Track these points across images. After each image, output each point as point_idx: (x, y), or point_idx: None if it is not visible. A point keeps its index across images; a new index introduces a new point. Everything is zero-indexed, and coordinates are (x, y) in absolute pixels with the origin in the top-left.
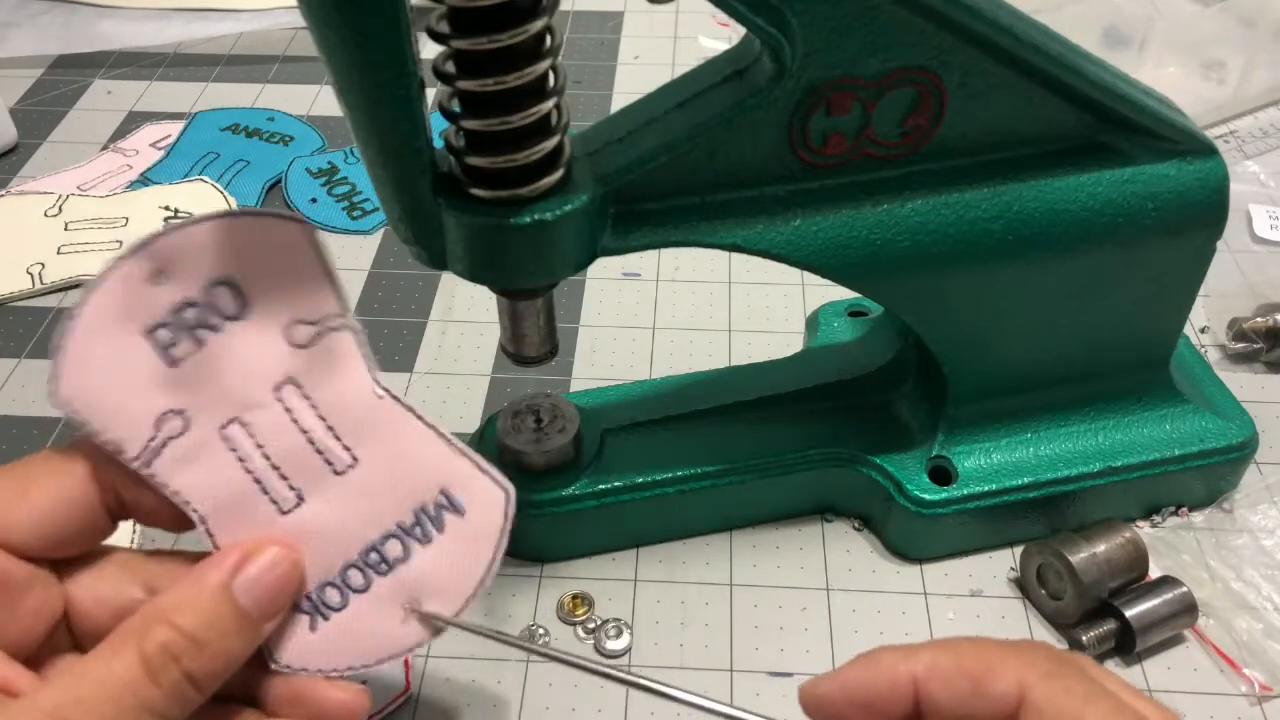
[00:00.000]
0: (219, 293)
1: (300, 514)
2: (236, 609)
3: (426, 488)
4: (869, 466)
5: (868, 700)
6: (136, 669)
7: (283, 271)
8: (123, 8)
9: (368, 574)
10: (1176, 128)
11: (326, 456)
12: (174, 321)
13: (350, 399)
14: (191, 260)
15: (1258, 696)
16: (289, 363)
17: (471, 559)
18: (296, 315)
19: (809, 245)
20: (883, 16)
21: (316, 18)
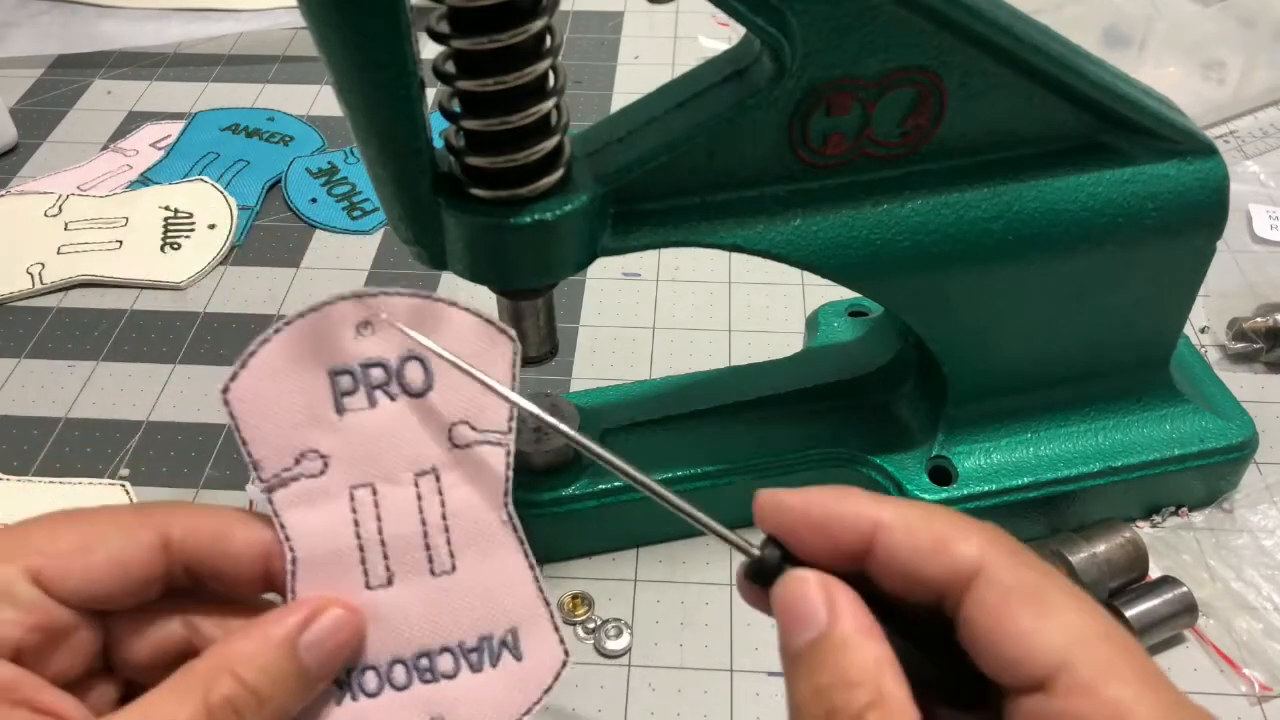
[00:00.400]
0: (411, 366)
1: (382, 595)
2: (299, 666)
3: (501, 621)
4: (869, 466)
5: (825, 523)
6: (200, 716)
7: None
8: (123, 8)
9: (411, 676)
10: (1176, 128)
11: (432, 554)
12: (360, 374)
13: (478, 512)
14: (401, 326)
15: (1258, 696)
16: (440, 455)
17: (510, 704)
18: (468, 417)
19: (809, 245)
20: (883, 16)
21: (316, 18)
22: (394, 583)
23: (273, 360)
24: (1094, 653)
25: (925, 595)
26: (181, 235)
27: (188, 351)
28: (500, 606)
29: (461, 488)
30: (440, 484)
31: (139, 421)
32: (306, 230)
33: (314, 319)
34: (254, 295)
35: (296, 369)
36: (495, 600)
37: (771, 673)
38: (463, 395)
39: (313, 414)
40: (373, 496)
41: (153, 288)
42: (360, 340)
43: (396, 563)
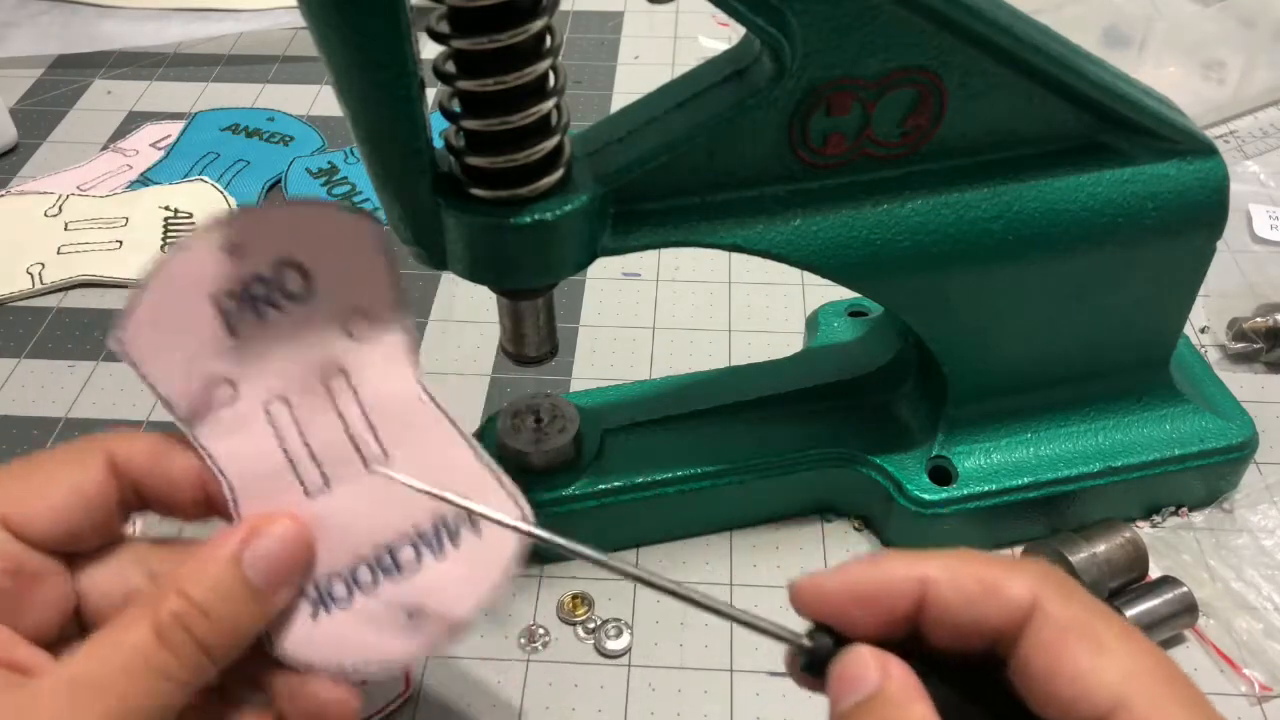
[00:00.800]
0: (288, 273)
1: (324, 500)
2: (244, 581)
3: (421, 506)
4: (869, 466)
5: (872, 595)
6: (149, 636)
7: (351, 265)
8: (123, 8)
9: (377, 575)
10: (1176, 128)
11: (360, 449)
12: (242, 292)
13: (394, 398)
14: (267, 239)
15: (1258, 696)
16: (342, 352)
17: (479, 581)
18: (357, 308)
19: (809, 245)
20: (883, 16)
21: (316, 18)
22: (332, 486)
23: (155, 303)
24: (1150, 690)
25: (978, 643)
26: (181, 235)
27: None
28: (444, 484)
29: (371, 379)
30: (350, 380)
31: (139, 421)
32: None
33: (183, 256)
34: None
35: (180, 304)
36: (437, 479)
37: (772, 673)
38: (347, 289)
39: (207, 343)
40: (288, 409)
41: None
42: (234, 260)
43: (330, 467)
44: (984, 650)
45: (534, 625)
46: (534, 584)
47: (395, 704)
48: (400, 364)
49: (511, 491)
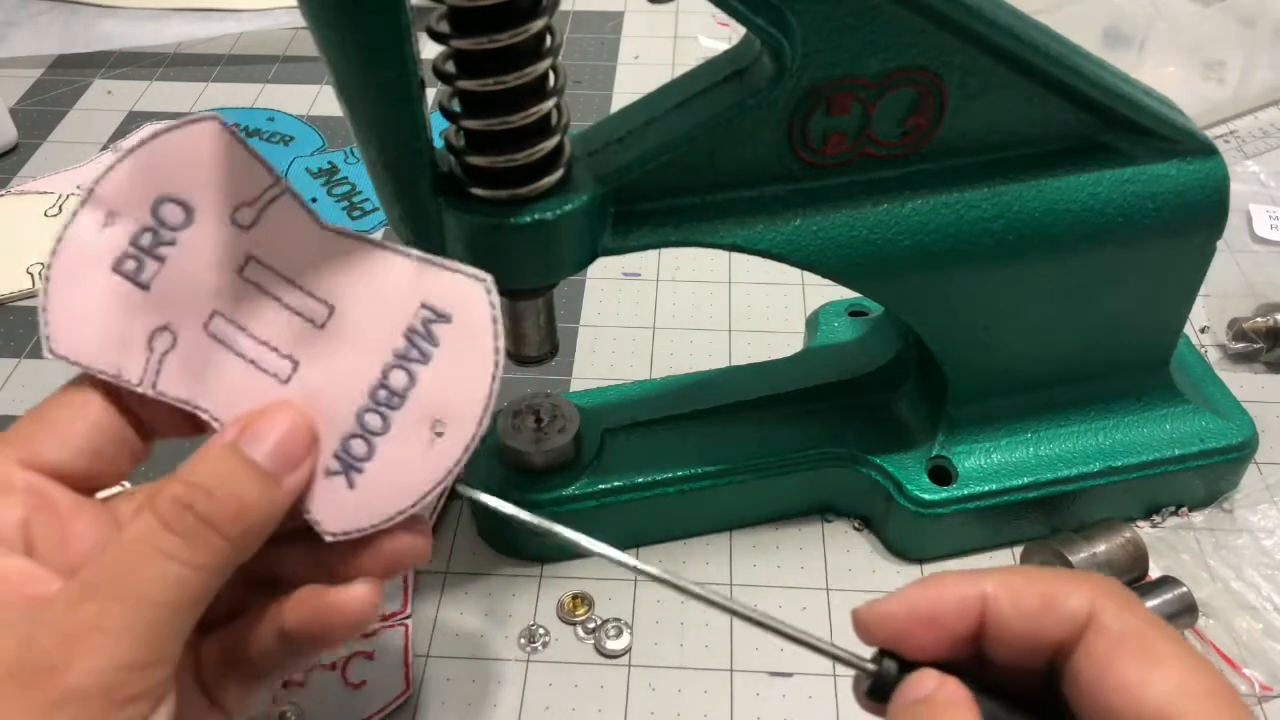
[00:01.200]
0: (165, 210)
1: (300, 378)
2: (245, 460)
3: (407, 308)
4: (869, 466)
5: (933, 615)
6: (151, 523)
7: (210, 169)
8: (123, 8)
9: (383, 412)
10: (1176, 128)
11: (305, 315)
12: (134, 251)
13: (304, 250)
14: (131, 192)
15: (1258, 696)
16: (243, 244)
17: (475, 359)
18: (235, 202)
19: (809, 245)
20: (883, 16)
21: (316, 18)
22: (299, 361)
23: (63, 301)
24: (1200, 705)
25: (1039, 658)
26: None
27: None
28: (393, 299)
29: (278, 249)
30: (262, 261)
31: None
32: None
33: (65, 253)
34: None
35: (86, 291)
36: (384, 298)
37: (772, 673)
38: (218, 191)
39: (128, 308)
40: (224, 319)
41: None
42: (113, 228)
43: (286, 347)
44: (1042, 667)
45: (534, 625)
46: (534, 584)
47: (395, 704)
48: (295, 220)
49: (460, 269)
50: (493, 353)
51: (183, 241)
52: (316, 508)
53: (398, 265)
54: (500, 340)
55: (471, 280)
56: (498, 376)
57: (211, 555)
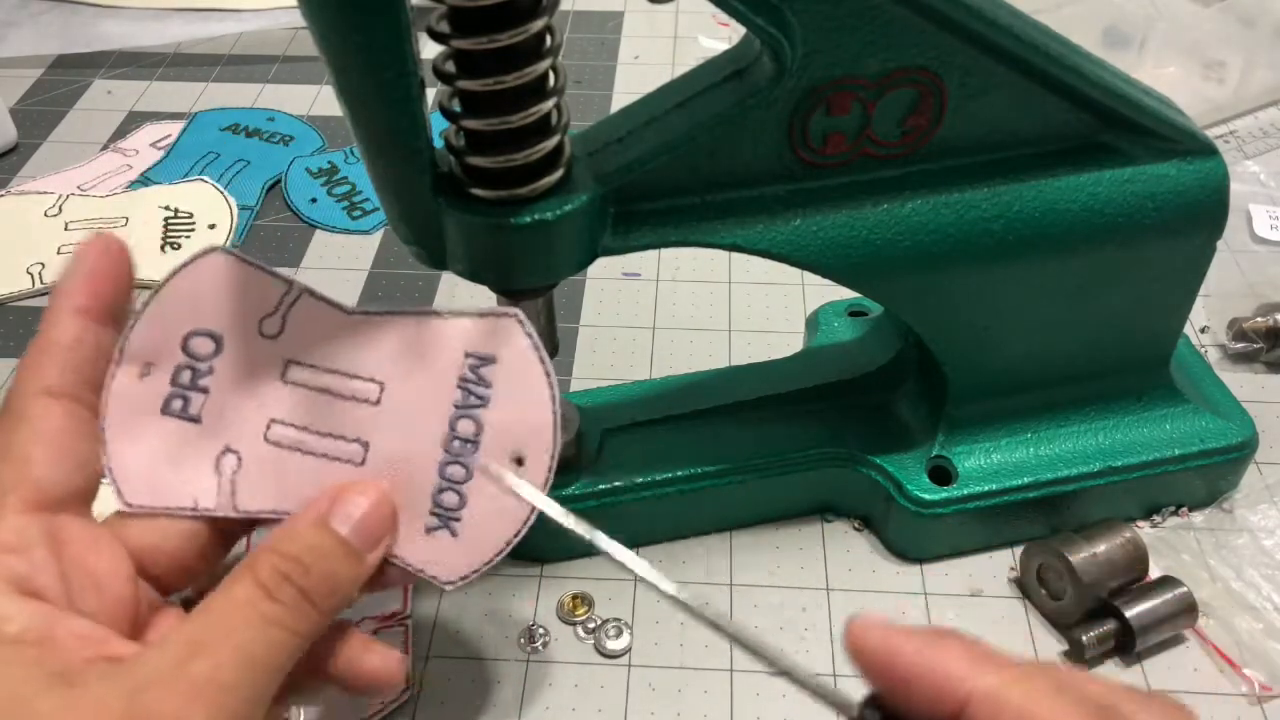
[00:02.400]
0: (194, 344)
1: (374, 456)
2: (336, 536)
3: (452, 362)
4: (869, 466)
5: (908, 684)
6: (255, 589)
7: (225, 296)
8: (123, 8)
9: (463, 461)
10: (1176, 128)
11: (359, 398)
12: (177, 390)
13: (337, 339)
14: (158, 339)
15: (1258, 696)
16: (277, 352)
17: (530, 386)
18: (258, 317)
19: (809, 245)
20: (883, 16)
21: (316, 18)
22: (368, 440)
23: (122, 456)
24: None
25: None
26: (181, 235)
27: None
28: (438, 357)
29: (310, 345)
30: (300, 361)
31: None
32: (306, 230)
33: (112, 411)
34: None
35: (141, 442)
36: (428, 359)
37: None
38: (239, 312)
39: (186, 444)
40: (281, 426)
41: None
42: (151, 378)
43: (351, 430)
44: None
45: (534, 625)
46: (534, 584)
47: (395, 704)
48: (320, 314)
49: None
50: (544, 376)
51: (220, 368)
52: (430, 566)
53: (430, 327)
54: (548, 363)
55: (503, 318)
56: (556, 396)
57: (308, 624)
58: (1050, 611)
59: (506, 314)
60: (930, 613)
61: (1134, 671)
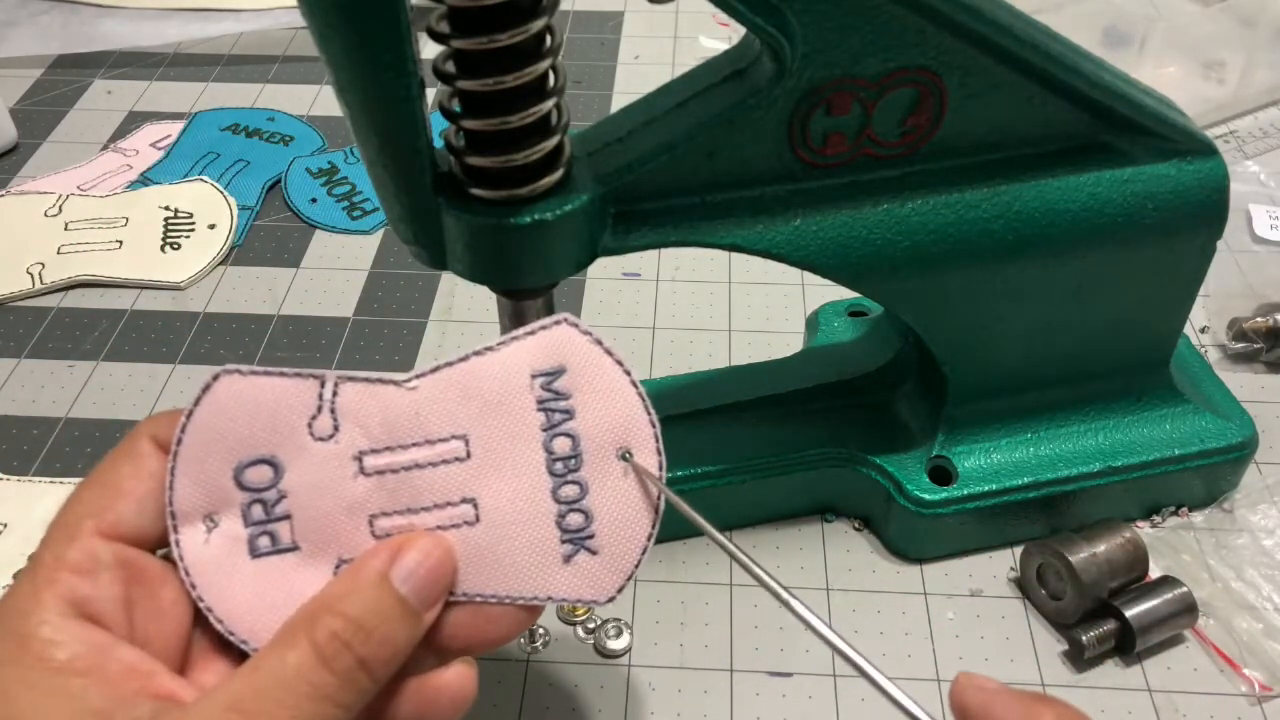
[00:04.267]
0: (249, 476)
1: (485, 508)
2: (397, 597)
3: (522, 388)
4: (869, 466)
5: None
6: (310, 657)
7: (257, 417)
8: (123, 8)
9: (572, 479)
10: (1176, 128)
11: (448, 459)
12: (257, 529)
13: (398, 413)
14: (208, 487)
15: (1258, 696)
16: (343, 450)
17: (608, 381)
18: (304, 423)
19: (809, 245)
20: (883, 16)
21: (316, 18)
22: (475, 495)
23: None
24: None
25: None
26: (181, 235)
27: (188, 351)
28: (508, 391)
29: (375, 432)
30: (372, 450)
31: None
32: (306, 230)
33: (198, 574)
34: (254, 295)
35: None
36: (503, 395)
37: (771, 673)
38: (282, 429)
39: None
40: (385, 517)
41: (153, 288)
42: (220, 527)
43: (456, 493)
44: None
45: (534, 625)
46: None
47: None
48: (370, 396)
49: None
50: (615, 365)
51: (291, 489)
52: (581, 593)
53: (485, 364)
54: (615, 352)
55: (555, 327)
56: (636, 380)
57: (359, 696)
58: (1050, 611)
59: (555, 321)
60: (930, 613)
61: (1134, 671)
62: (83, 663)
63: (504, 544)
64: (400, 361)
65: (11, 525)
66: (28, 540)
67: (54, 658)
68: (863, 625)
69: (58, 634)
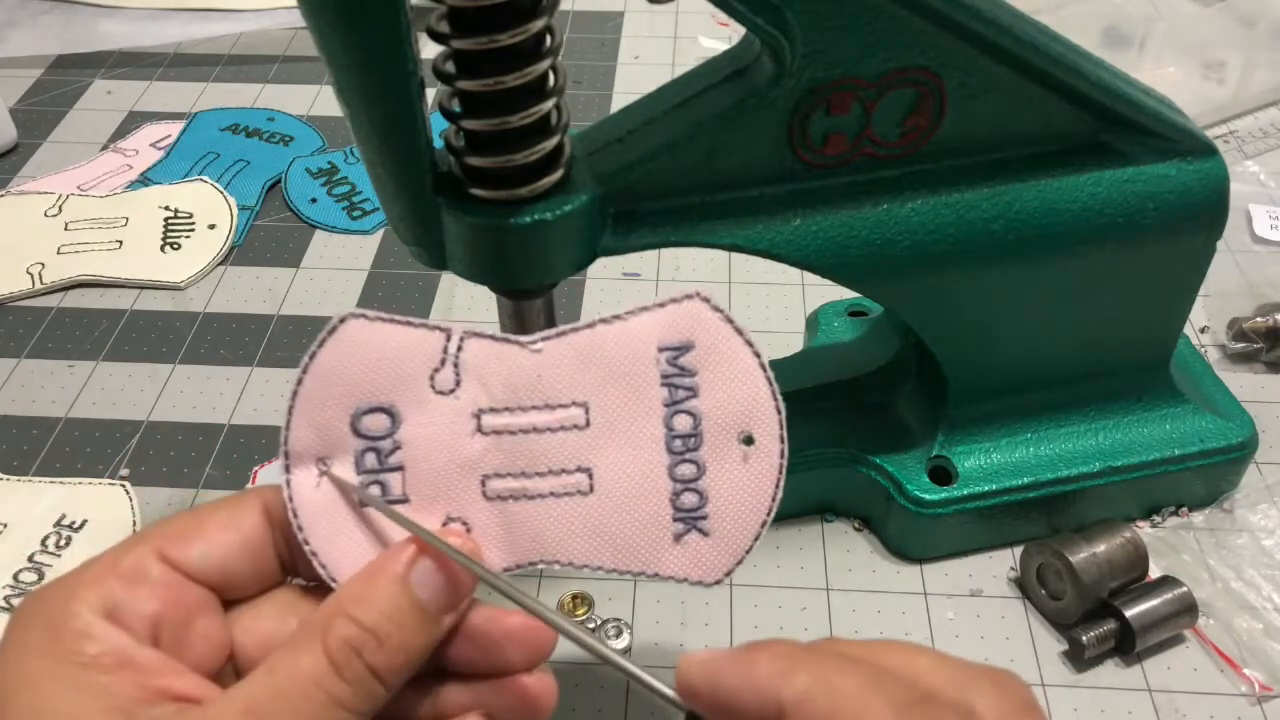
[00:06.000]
0: (366, 423)
1: (600, 479)
2: (414, 602)
3: (648, 361)
4: (869, 466)
5: (734, 706)
6: (323, 663)
7: (381, 362)
8: (123, 8)
9: (690, 457)
10: (1176, 128)
11: (566, 426)
12: (369, 478)
13: (521, 374)
14: (324, 430)
15: (1258, 696)
16: (463, 405)
17: (736, 362)
18: (427, 374)
19: (809, 245)
20: (883, 16)
21: (316, 18)
22: (591, 466)
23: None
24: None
25: None
26: (181, 235)
27: (188, 351)
28: (634, 362)
29: (496, 390)
30: (492, 409)
31: (139, 421)
32: (306, 230)
33: (307, 518)
34: (254, 295)
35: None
36: (628, 365)
37: None
38: (407, 379)
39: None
40: (499, 479)
41: (153, 288)
42: (332, 471)
43: (572, 461)
44: None
45: None
46: (534, 584)
47: None
48: (495, 353)
49: (659, 303)
50: (745, 345)
51: (407, 440)
52: (689, 572)
53: (613, 332)
54: (746, 331)
55: (685, 301)
56: (766, 364)
57: (372, 703)
58: (1050, 611)
59: (689, 296)
60: (930, 613)
61: (1134, 671)
62: (110, 659)
63: (615, 516)
64: None
65: (11, 525)
66: (28, 540)
67: (84, 651)
68: (862, 625)
69: (90, 628)
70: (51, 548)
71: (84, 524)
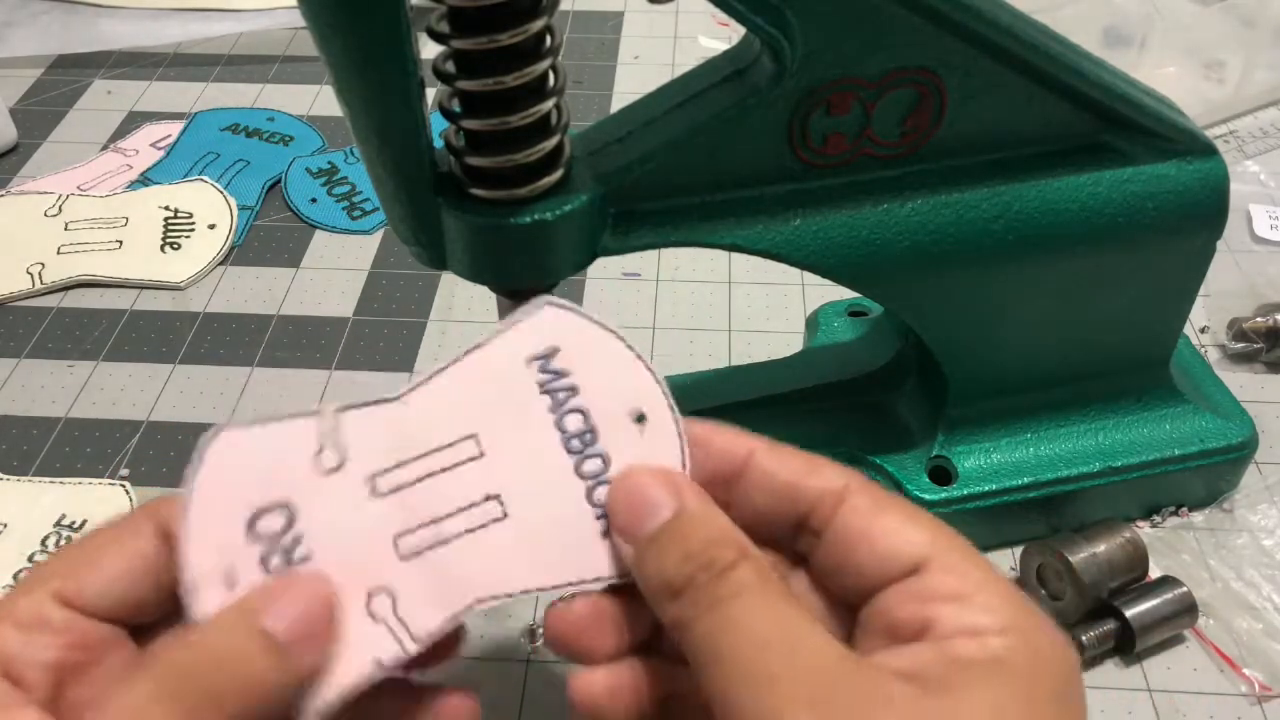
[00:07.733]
0: (263, 526)
1: (512, 501)
2: (257, 631)
3: (521, 376)
4: (869, 466)
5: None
6: (152, 689)
7: (262, 465)
8: (123, 8)
9: (591, 453)
10: (1176, 128)
11: (462, 460)
12: (279, 575)
13: (402, 428)
14: (222, 548)
15: (1258, 696)
16: (352, 477)
17: (606, 353)
18: (309, 459)
19: (809, 245)
20: (883, 16)
21: (316, 18)
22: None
23: None
24: (952, 550)
25: (790, 513)
26: (181, 235)
27: (188, 351)
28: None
29: (380, 452)
30: (383, 471)
31: (139, 421)
32: (306, 230)
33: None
34: (254, 295)
35: None
36: (502, 388)
37: None
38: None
39: None
40: (410, 534)
41: (153, 288)
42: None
43: (479, 492)
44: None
45: (534, 625)
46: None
47: None
48: (370, 419)
49: (525, 313)
50: (607, 333)
51: (307, 530)
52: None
53: (480, 361)
54: (595, 317)
55: (537, 310)
56: (632, 345)
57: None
58: (1050, 611)
59: (538, 306)
60: None
61: (1134, 671)
62: None
63: (538, 531)
64: (400, 361)
65: (11, 525)
66: (28, 540)
67: None
68: None
69: None
70: (51, 548)
71: (84, 524)
